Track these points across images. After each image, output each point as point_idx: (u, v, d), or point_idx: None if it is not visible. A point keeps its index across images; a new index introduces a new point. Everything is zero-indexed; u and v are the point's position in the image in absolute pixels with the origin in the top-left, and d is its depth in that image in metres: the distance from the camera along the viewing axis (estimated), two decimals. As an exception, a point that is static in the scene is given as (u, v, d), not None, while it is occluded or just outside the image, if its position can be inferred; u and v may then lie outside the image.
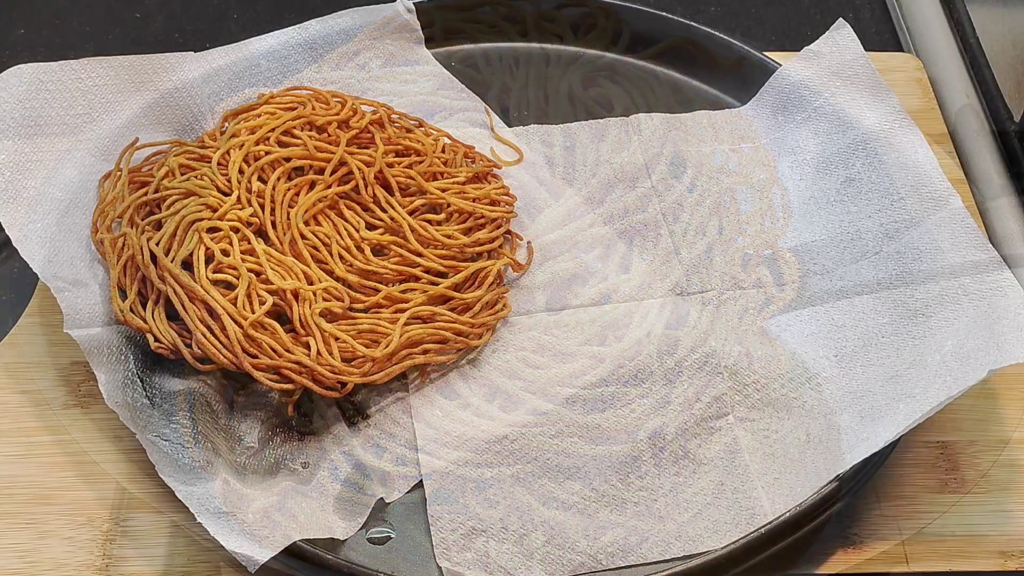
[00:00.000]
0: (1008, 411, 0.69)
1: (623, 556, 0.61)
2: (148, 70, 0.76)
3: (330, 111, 0.74)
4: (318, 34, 0.83)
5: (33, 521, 0.64)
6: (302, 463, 0.65)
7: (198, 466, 0.62)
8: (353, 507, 0.63)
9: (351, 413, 0.68)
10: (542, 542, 0.61)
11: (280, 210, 0.69)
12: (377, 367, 0.66)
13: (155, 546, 0.63)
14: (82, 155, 0.72)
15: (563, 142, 0.82)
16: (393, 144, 0.75)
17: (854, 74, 0.79)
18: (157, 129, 0.76)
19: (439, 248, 0.71)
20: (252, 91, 0.80)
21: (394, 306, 0.69)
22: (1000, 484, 0.66)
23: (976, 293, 0.67)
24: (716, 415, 0.67)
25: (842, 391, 0.67)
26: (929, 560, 0.63)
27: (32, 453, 0.66)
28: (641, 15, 0.88)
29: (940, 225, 0.70)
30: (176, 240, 0.67)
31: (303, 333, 0.65)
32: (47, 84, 0.72)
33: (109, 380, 0.63)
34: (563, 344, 0.71)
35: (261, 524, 0.60)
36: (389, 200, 0.72)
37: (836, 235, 0.75)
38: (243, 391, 0.68)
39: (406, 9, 0.85)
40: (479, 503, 0.63)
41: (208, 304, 0.64)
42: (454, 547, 0.61)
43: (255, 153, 0.71)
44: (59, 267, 0.67)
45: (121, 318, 0.65)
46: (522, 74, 0.87)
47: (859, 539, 0.64)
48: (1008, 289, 0.66)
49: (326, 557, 0.60)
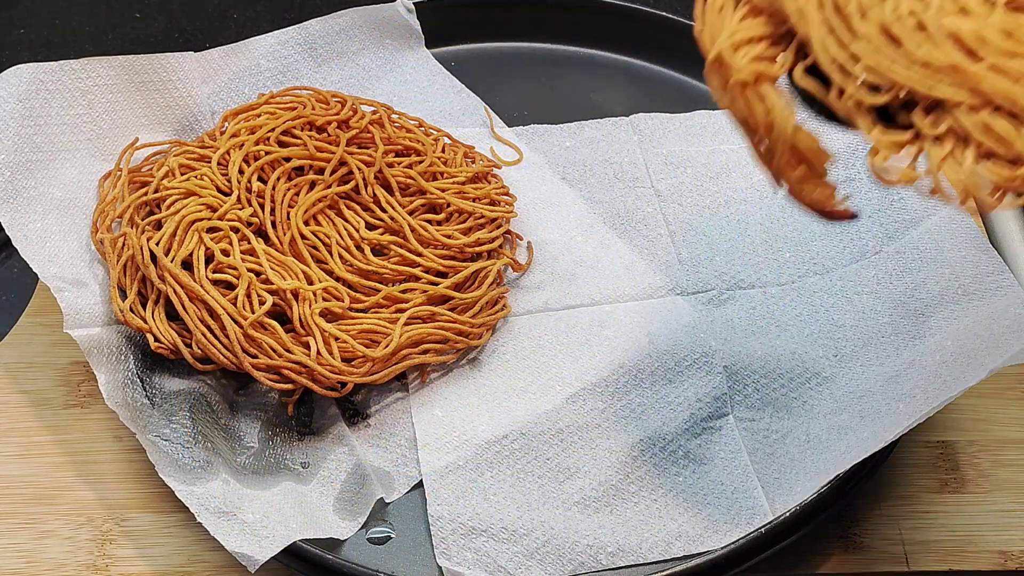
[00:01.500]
0: (1008, 411, 0.69)
1: (623, 556, 0.61)
2: (148, 70, 0.76)
3: (330, 111, 0.74)
4: (318, 34, 0.83)
5: (33, 521, 0.64)
6: (302, 463, 0.65)
7: (198, 466, 0.62)
8: (353, 507, 0.63)
9: (351, 413, 0.68)
10: (542, 542, 0.61)
11: (280, 210, 0.69)
12: (377, 367, 0.66)
13: (155, 546, 0.63)
14: (82, 155, 0.72)
15: (563, 142, 0.82)
16: (393, 144, 0.75)
17: (854, 74, 0.79)
18: (157, 129, 0.76)
19: (439, 248, 0.72)
20: (252, 91, 0.80)
21: (394, 306, 0.69)
22: (1000, 484, 0.66)
23: (976, 293, 0.67)
24: (716, 415, 0.67)
25: (842, 391, 0.67)
26: (929, 560, 0.63)
27: (32, 453, 0.66)
28: (641, 15, 0.88)
29: (940, 225, 0.71)
30: (176, 240, 0.67)
31: (303, 333, 0.65)
32: (47, 84, 0.72)
33: (109, 380, 0.63)
34: (563, 344, 0.71)
35: (261, 524, 0.60)
36: (389, 200, 0.72)
37: (836, 235, 0.75)
38: (243, 391, 0.68)
39: (406, 9, 0.86)
40: (479, 503, 0.63)
41: (208, 304, 0.64)
42: (454, 547, 0.61)
43: (255, 153, 0.71)
44: (59, 267, 0.67)
45: (121, 318, 0.65)
46: (522, 74, 0.87)
47: (859, 539, 0.64)
48: (1008, 289, 0.66)
49: (326, 557, 0.60)
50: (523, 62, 0.88)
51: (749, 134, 0.53)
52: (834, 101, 0.51)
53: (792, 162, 0.52)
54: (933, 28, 0.49)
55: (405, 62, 0.86)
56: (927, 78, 0.49)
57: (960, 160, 0.49)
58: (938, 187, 0.49)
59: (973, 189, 0.49)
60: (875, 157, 0.50)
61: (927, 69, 0.49)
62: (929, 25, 0.49)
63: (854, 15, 0.50)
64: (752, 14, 0.53)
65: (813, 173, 0.53)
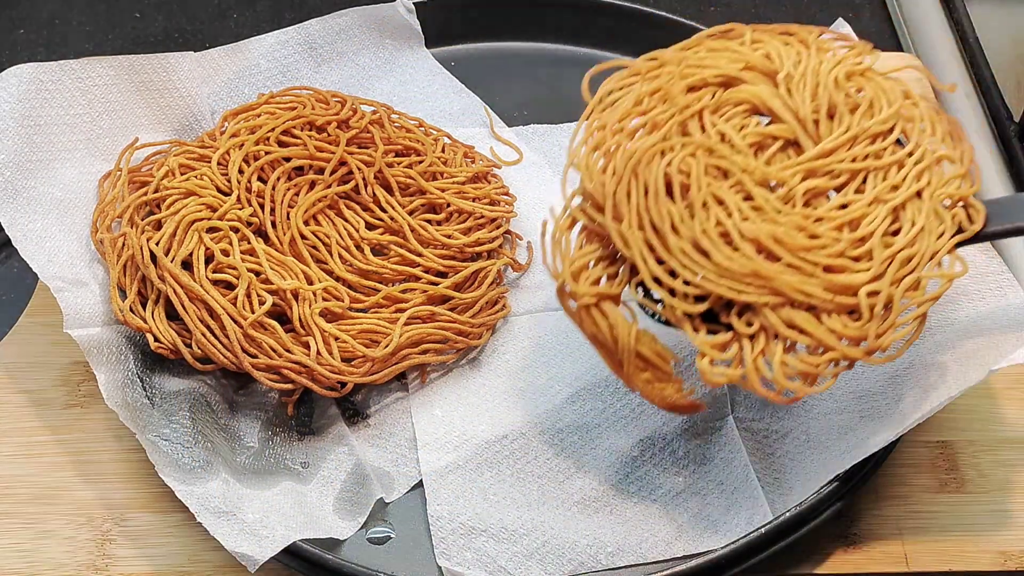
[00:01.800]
0: (1008, 411, 0.69)
1: (623, 556, 0.61)
2: (148, 70, 0.76)
3: (330, 111, 0.74)
4: (318, 34, 0.83)
5: (33, 521, 0.64)
6: (302, 463, 0.65)
7: (198, 466, 0.62)
8: (353, 507, 0.63)
9: (351, 413, 0.68)
10: (542, 541, 0.61)
11: (280, 210, 0.69)
12: (377, 367, 0.66)
13: (155, 546, 0.63)
14: (81, 155, 0.72)
15: (563, 142, 0.82)
16: (393, 144, 0.75)
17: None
18: (157, 129, 0.76)
19: (439, 248, 0.71)
20: (252, 91, 0.80)
21: (394, 306, 0.69)
22: (1000, 484, 0.66)
23: (975, 293, 0.67)
24: (716, 415, 0.67)
25: (842, 391, 0.67)
26: (929, 560, 0.63)
27: (32, 453, 0.66)
28: (642, 14, 0.88)
29: None
30: (176, 240, 0.67)
31: (303, 333, 0.65)
32: (46, 84, 0.72)
33: (109, 380, 0.63)
34: (563, 344, 0.71)
35: (261, 524, 0.60)
36: (389, 200, 0.72)
37: None
38: (243, 391, 0.68)
39: (406, 9, 0.85)
40: (479, 503, 0.63)
41: (208, 304, 0.64)
42: (454, 547, 0.61)
43: (255, 153, 0.71)
44: (59, 267, 0.67)
45: (121, 318, 0.65)
46: (522, 74, 0.87)
47: (859, 539, 0.64)
48: (1007, 289, 0.66)
49: (326, 557, 0.60)
50: (523, 62, 0.88)
51: (600, 348, 0.58)
52: (662, 312, 0.57)
53: (640, 367, 0.57)
54: (735, 236, 0.55)
55: (405, 62, 0.86)
56: (734, 285, 0.55)
57: (771, 354, 0.55)
58: (754, 382, 0.55)
59: (782, 381, 0.55)
60: (702, 360, 0.55)
61: (733, 277, 0.55)
62: (732, 234, 0.55)
63: (669, 233, 0.56)
64: (588, 239, 0.59)
65: (660, 375, 0.58)
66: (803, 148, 0.58)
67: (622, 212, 0.57)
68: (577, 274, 0.58)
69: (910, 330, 0.57)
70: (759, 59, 0.61)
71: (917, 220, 0.57)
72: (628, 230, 0.56)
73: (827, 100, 0.59)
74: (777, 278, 0.54)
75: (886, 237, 0.56)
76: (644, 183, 0.57)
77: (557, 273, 0.59)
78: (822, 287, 0.54)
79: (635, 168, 0.58)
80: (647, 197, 0.57)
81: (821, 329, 0.54)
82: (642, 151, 0.58)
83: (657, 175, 0.57)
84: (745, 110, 0.60)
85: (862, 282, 0.55)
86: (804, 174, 0.57)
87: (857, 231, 0.56)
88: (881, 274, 0.55)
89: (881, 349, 0.56)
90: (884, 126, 0.59)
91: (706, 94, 0.60)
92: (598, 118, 0.61)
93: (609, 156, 0.59)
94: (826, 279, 0.55)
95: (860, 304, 0.55)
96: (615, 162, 0.58)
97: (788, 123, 0.58)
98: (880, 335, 0.55)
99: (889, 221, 0.57)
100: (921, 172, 0.58)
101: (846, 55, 0.62)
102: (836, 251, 0.55)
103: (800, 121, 0.58)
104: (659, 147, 0.58)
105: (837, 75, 0.60)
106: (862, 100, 0.60)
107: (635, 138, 0.59)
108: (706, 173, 0.57)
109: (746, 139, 0.58)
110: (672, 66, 0.61)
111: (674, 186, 0.56)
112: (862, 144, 0.58)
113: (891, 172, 0.58)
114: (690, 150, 0.58)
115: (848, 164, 0.58)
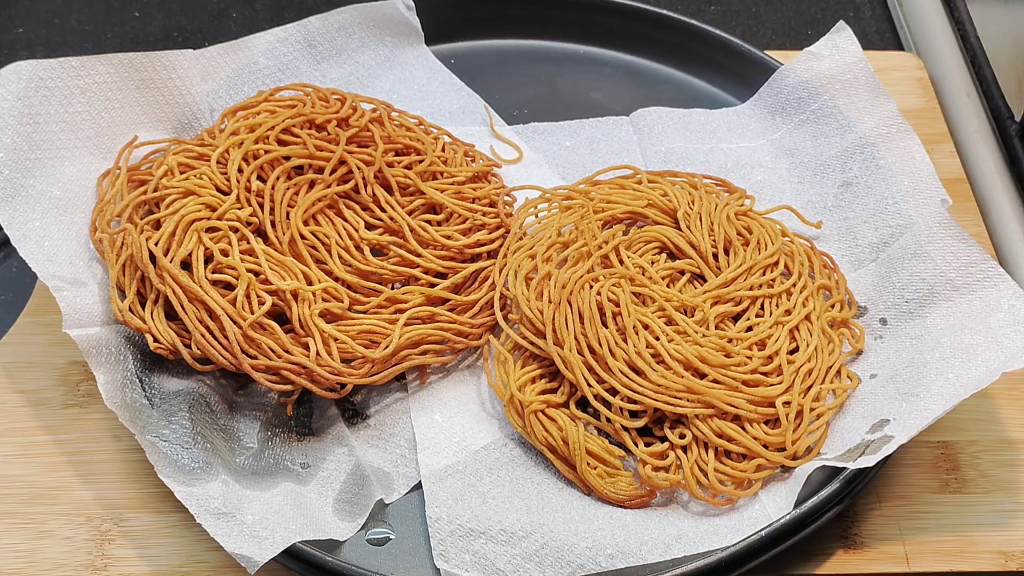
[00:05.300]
0: (1008, 411, 0.69)
1: (622, 558, 0.61)
2: (147, 68, 0.76)
3: (330, 109, 0.74)
4: (317, 31, 0.83)
5: (32, 521, 0.64)
6: (302, 463, 0.65)
7: (197, 467, 0.62)
8: (353, 508, 0.63)
9: (350, 414, 0.67)
10: (541, 544, 0.61)
11: (279, 210, 0.69)
12: (376, 368, 0.66)
13: (154, 546, 0.63)
14: (81, 153, 0.72)
15: (563, 140, 0.82)
16: (393, 143, 0.74)
17: (853, 77, 0.79)
18: (156, 127, 0.76)
19: (438, 249, 0.71)
20: (251, 88, 0.79)
21: (393, 307, 0.68)
22: (1000, 484, 0.66)
23: (964, 287, 0.67)
24: (716, 416, 0.68)
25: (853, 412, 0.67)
26: (929, 560, 0.63)
27: (31, 453, 0.66)
28: (642, 13, 0.88)
29: (926, 227, 0.70)
30: (175, 240, 0.66)
31: (302, 334, 0.65)
32: (46, 82, 0.71)
33: (108, 380, 0.63)
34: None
35: (260, 525, 0.60)
36: (388, 200, 0.72)
37: (835, 242, 0.75)
38: (242, 391, 0.68)
39: (405, 6, 0.85)
40: (478, 505, 0.63)
41: (207, 304, 0.64)
42: (452, 549, 0.61)
43: (254, 152, 0.70)
44: (58, 266, 0.66)
45: (120, 318, 0.65)
46: (522, 72, 0.87)
47: (859, 539, 0.64)
48: (996, 279, 0.66)
49: (325, 558, 0.60)
50: (523, 60, 0.88)
51: (551, 454, 0.64)
52: (603, 426, 0.65)
53: (591, 464, 0.63)
54: (666, 357, 0.64)
55: (405, 59, 0.85)
56: (669, 399, 0.63)
57: (704, 463, 0.63)
58: (692, 488, 0.62)
59: (717, 486, 0.62)
60: (644, 468, 0.63)
61: (668, 392, 0.63)
62: (663, 355, 0.64)
63: (607, 355, 0.64)
64: (528, 361, 0.67)
65: (611, 469, 0.63)
66: (706, 278, 0.70)
67: (562, 337, 0.65)
68: (522, 388, 0.65)
69: (817, 436, 0.64)
70: (658, 198, 0.73)
71: (811, 341, 0.68)
72: (569, 354, 0.64)
73: (723, 236, 0.71)
74: (707, 392, 0.63)
75: (788, 355, 0.67)
76: (579, 310, 0.65)
77: (502, 391, 0.65)
78: (746, 399, 0.64)
79: (568, 297, 0.66)
80: (583, 323, 0.65)
81: (747, 437, 0.63)
82: (572, 281, 0.67)
83: (590, 303, 0.65)
84: (655, 247, 0.71)
85: (777, 393, 0.65)
86: (713, 300, 0.68)
87: (765, 350, 0.67)
88: (791, 386, 0.65)
89: (796, 454, 0.63)
90: (772, 259, 0.71)
91: (619, 231, 0.71)
92: (527, 247, 0.70)
93: (541, 284, 0.67)
94: (748, 392, 0.64)
95: (779, 413, 0.64)
96: (549, 290, 0.67)
97: (693, 258, 0.71)
98: (795, 441, 0.63)
99: (788, 340, 0.67)
100: (807, 299, 0.70)
101: (728, 198, 0.74)
102: (751, 368, 0.65)
103: (702, 256, 0.70)
104: (586, 278, 0.67)
105: (728, 214, 0.72)
106: (751, 237, 0.71)
107: (564, 268, 0.68)
108: (632, 301, 0.66)
109: (659, 272, 0.69)
110: (582, 199, 0.73)
111: (606, 313, 0.65)
112: (756, 274, 0.70)
113: (782, 299, 0.69)
114: (614, 280, 0.67)
115: (747, 292, 0.69)
